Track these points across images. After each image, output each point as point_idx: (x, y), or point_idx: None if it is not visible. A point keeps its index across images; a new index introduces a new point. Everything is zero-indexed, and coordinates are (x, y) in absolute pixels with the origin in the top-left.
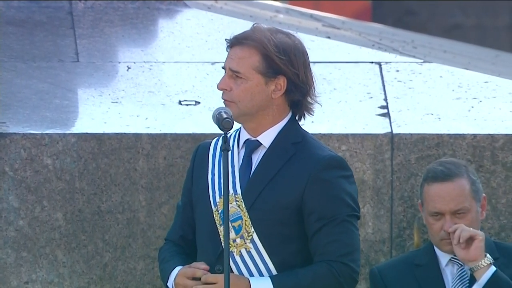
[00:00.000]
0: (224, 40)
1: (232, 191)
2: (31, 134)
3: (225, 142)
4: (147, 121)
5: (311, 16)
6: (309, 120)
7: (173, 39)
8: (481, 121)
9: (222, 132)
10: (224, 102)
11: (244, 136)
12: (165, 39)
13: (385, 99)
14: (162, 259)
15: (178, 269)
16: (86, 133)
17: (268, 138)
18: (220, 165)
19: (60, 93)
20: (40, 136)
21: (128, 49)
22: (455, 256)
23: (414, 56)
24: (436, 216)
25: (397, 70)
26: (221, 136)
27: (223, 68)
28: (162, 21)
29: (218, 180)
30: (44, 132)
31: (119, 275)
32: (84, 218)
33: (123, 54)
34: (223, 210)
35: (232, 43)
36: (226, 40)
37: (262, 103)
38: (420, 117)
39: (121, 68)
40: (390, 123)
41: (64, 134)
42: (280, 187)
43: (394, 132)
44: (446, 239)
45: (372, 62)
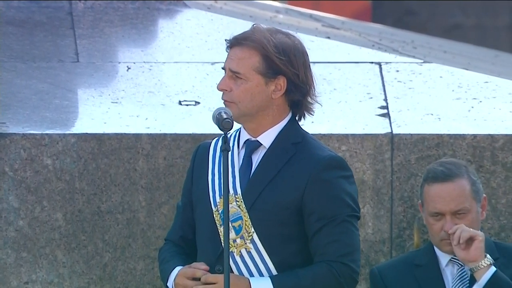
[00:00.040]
0: (224, 40)
1: (232, 191)
2: (31, 134)
3: (225, 142)
4: (147, 121)
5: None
6: (309, 120)
7: (173, 39)
8: (481, 121)
9: (222, 132)
10: (224, 102)
11: (244, 136)
12: (165, 39)
13: (385, 99)
14: (162, 259)
15: (178, 269)
16: (86, 133)
17: (268, 138)
18: (220, 165)
19: (60, 93)
20: (40, 136)
21: (128, 49)
22: (455, 257)
23: (414, 56)
24: (437, 217)
25: (397, 70)
26: (221, 137)
27: (223, 68)
28: (162, 21)
29: (218, 181)
30: (44, 132)
31: (119, 275)
32: (84, 218)
33: (123, 54)
34: (223, 210)
35: (231, 44)
36: (226, 40)
37: (262, 104)
38: (420, 117)
39: (121, 68)
40: (390, 123)
41: (64, 134)
42: (280, 187)
43: (394, 132)
44: (446, 239)
45: (372, 62)
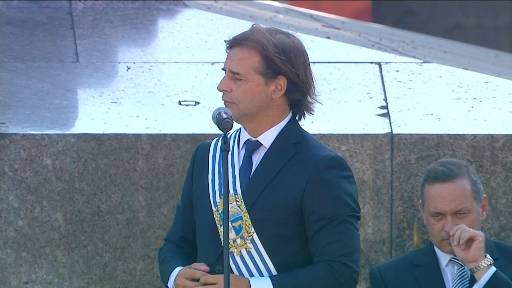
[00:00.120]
0: (224, 40)
1: (232, 192)
2: (30, 134)
3: (225, 142)
4: (147, 121)
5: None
6: (309, 120)
7: (173, 39)
8: (481, 121)
9: (222, 133)
10: (225, 103)
11: (245, 136)
12: (165, 39)
13: (385, 99)
14: (162, 259)
15: (178, 270)
16: (86, 134)
17: (269, 138)
18: (220, 165)
19: (60, 93)
20: (39, 136)
21: (128, 49)
22: (455, 257)
23: (414, 56)
24: (437, 217)
25: (397, 70)
26: (221, 137)
27: (223, 69)
28: (162, 21)
29: (218, 181)
30: (43, 132)
31: (119, 275)
32: (84, 218)
33: (123, 54)
34: (223, 210)
35: (231, 44)
36: (226, 41)
37: (263, 104)
38: (420, 117)
39: (121, 68)
40: (390, 123)
41: (64, 134)
42: (281, 188)
43: (394, 132)
44: (447, 239)
45: (372, 62)
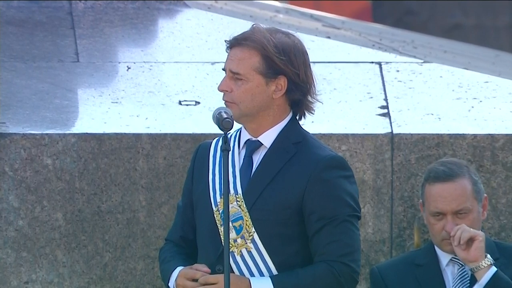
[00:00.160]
0: (224, 40)
1: (232, 191)
2: (31, 134)
3: (225, 142)
4: (147, 121)
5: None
6: (309, 120)
7: (173, 39)
8: (481, 121)
9: (222, 132)
10: (225, 103)
11: (245, 136)
12: (165, 39)
13: (385, 99)
14: (163, 259)
15: (179, 270)
16: (86, 133)
17: (269, 138)
18: (221, 165)
19: (60, 93)
20: (40, 136)
21: (128, 49)
22: (456, 256)
23: (414, 56)
24: (438, 216)
25: (397, 70)
26: (221, 137)
27: (223, 69)
28: (162, 21)
29: (219, 180)
30: (44, 132)
31: (119, 275)
32: (84, 218)
33: (123, 54)
34: (223, 210)
35: (231, 45)
36: (226, 41)
37: (263, 104)
38: (420, 117)
39: (121, 68)
40: (390, 123)
41: (64, 134)
42: (281, 187)
43: (394, 132)
44: (448, 239)
45: (372, 62)
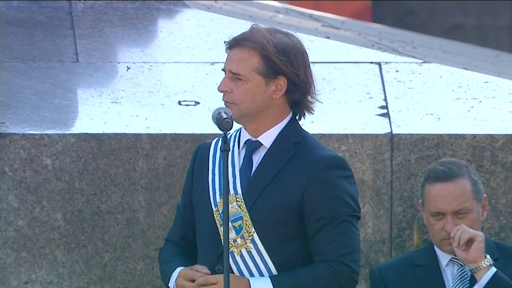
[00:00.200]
0: (223, 40)
1: (232, 191)
2: (30, 134)
3: (225, 142)
4: (147, 121)
5: (310, 16)
6: (309, 120)
7: (172, 39)
8: (481, 121)
9: (222, 133)
10: (225, 104)
11: (245, 136)
12: (164, 39)
13: (385, 99)
14: (163, 259)
15: (179, 270)
16: (86, 133)
17: (269, 138)
18: (221, 165)
19: (60, 93)
20: (39, 136)
21: (128, 49)
22: (455, 256)
23: (414, 56)
24: (437, 216)
25: (397, 70)
26: (221, 137)
27: (223, 70)
28: (162, 21)
29: (219, 181)
30: (43, 132)
31: (118, 275)
32: (84, 218)
33: (122, 54)
34: (223, 210)
35: (231, 45)
36: (225, 42)
37: (263, 104)
38: (420, 117)
39: (121, 68)
40: (390, 123)
41: (63, 134)
42: (281, 187)
43: (394, 132)
44: (447, 239)
45: (372, 62)
